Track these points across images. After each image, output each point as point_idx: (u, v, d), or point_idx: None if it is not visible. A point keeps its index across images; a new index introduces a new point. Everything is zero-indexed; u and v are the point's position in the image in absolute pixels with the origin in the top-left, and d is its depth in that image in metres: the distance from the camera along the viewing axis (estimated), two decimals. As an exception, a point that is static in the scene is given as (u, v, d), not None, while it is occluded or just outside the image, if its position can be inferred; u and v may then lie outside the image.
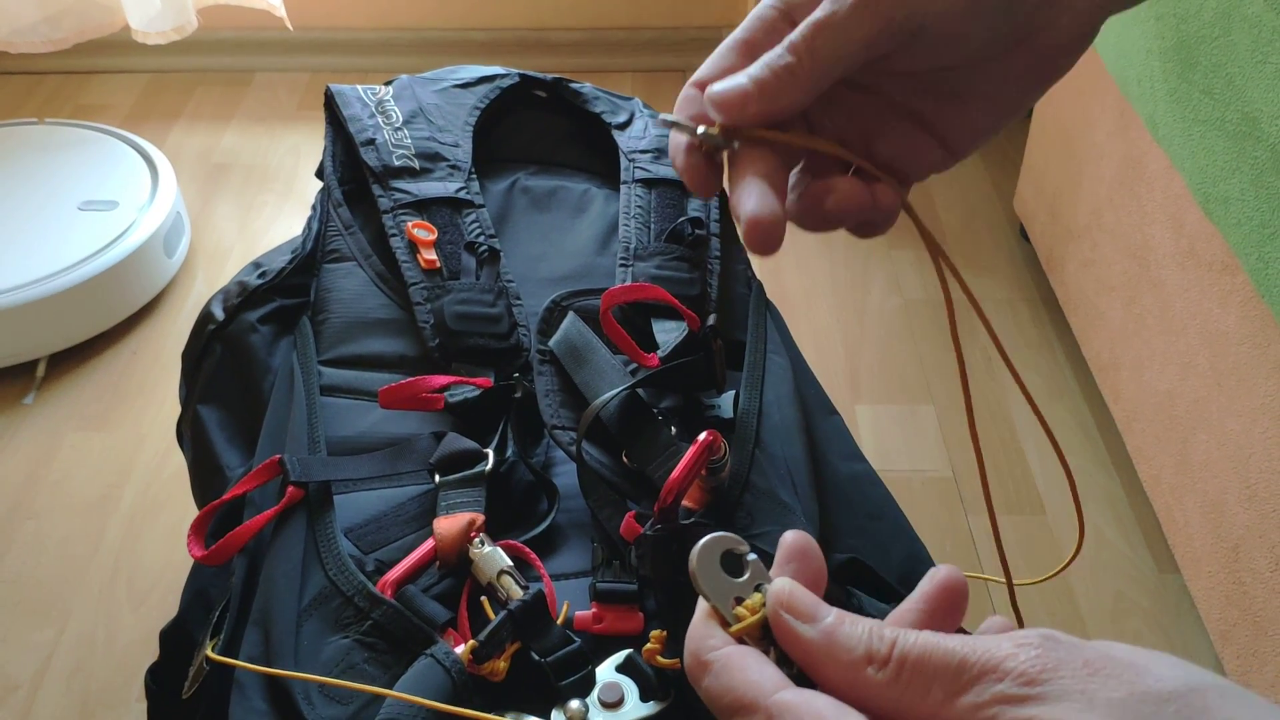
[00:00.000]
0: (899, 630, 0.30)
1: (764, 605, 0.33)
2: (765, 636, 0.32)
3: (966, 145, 0.43)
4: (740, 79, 0.39)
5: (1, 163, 1.77)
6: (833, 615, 0.32)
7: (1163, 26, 1.18)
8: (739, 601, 0.33)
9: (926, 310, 1.69)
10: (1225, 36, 1.07)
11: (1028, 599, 1.29)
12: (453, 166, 0.99)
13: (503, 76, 1.11)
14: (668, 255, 0.93)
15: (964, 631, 0.34)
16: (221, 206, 1.92)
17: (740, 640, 0.33)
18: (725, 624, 0.33)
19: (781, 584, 0.33)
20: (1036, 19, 0.40)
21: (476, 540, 0.69)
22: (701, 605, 0.34)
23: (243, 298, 0.93)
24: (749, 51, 0.40)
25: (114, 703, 1.18)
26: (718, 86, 0.39)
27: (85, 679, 1.21)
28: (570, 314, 0.84)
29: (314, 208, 1.00)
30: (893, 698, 0.29)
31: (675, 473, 0.67)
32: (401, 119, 1.02)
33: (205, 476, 0.87)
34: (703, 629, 0.33)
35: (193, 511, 0.81)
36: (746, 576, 0.34)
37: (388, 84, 1.09)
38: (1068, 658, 0.28)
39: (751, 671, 0.31)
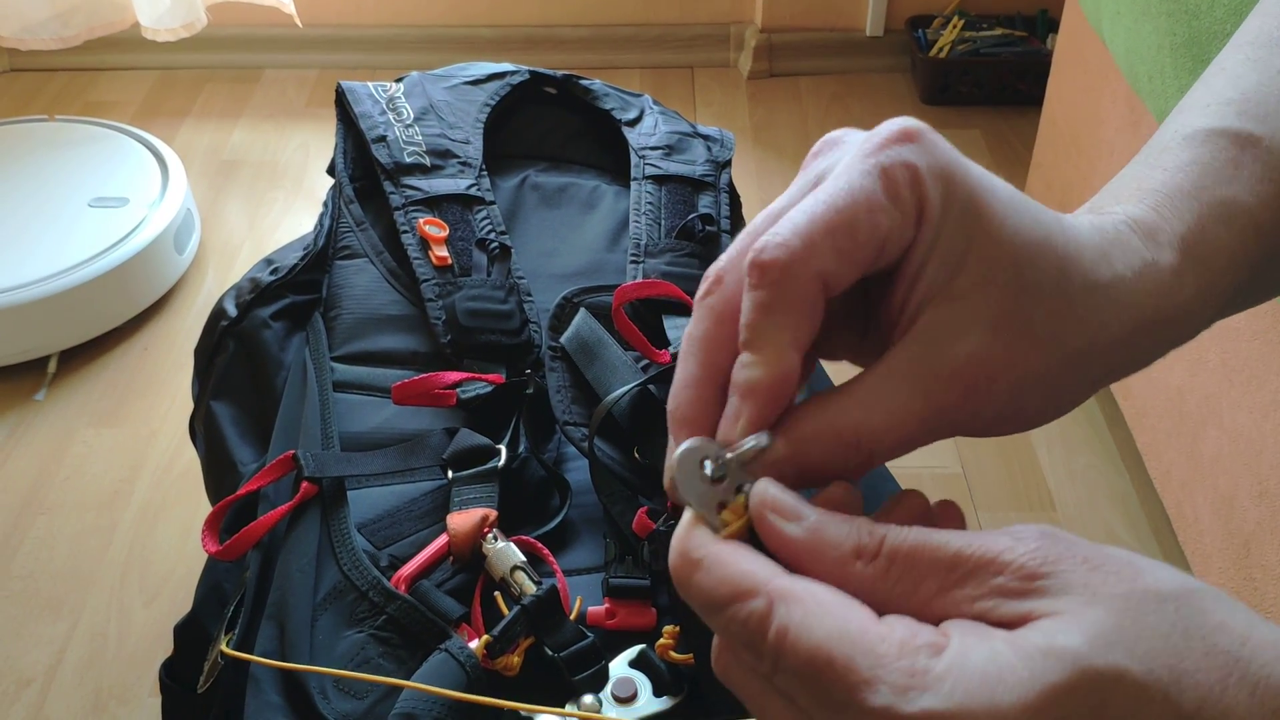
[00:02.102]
0: (889, 525, 0.30)
1: (748, 508, 0.32)
2: (753, 540, 0.32)
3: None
4: (782, 474, 0.33)
5: (12, 160, 1.77)
6: (817, 513, 0.31)
7: (1174, 22, 1.18)
8: (723, 507, 0.32)
9: (936, 306, 1.69)
10: (1237, 32, 1.07)
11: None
12: (463, 163, 0.99)
13: (513, 73, 1.11)
14: (678, 251, 0.93)
15: None
16: (231, 203, 1.93)
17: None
18: (712, 530, 0.32)
19: (763, 484, 0.32)
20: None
21: (490, 536, 0.69)
22: (686, 515, 0.33)
23: (255, 294, 0.93)
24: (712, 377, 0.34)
25: (127, 698, 1.19)
26: (759, 487, 0.32)
27: (98, 674, 1.21)
28: (581, 310, 0.85)
29: (325, 204, 1.00)
30: (883, 591, 0.29)
31: (688, 468, 0.67)
32: (412, 116, 1.03)
33: (218, 472, 0.87)
34: (688, 534, 0.32)
35: (204, 507, 0.82)
36: (726, 481, 0.33)
37: (398, 81, 1.09)
38: (1067, 553, 0.28)
39: (745, 562, 0.30)
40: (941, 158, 0.33)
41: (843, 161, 0.34)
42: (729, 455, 0.33)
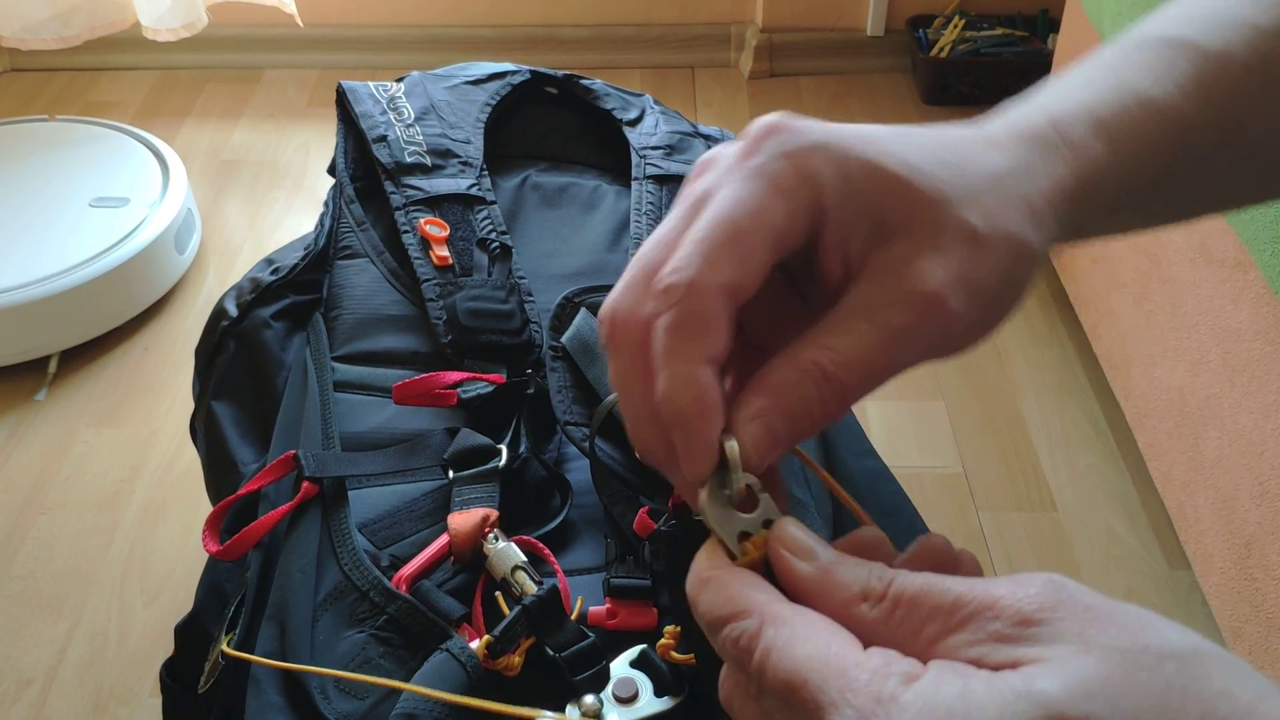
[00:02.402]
0: (899, 570, 0.30)
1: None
2: (768, 574, 0.33)
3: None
4: (759, 427, 0.33)
5: (13, 160, 1.77)
6: (832, 555, 0.31)
7: (1175, 22, 1.18)
8: (746, 537, 0.33)
9: (936, 307, 1.69)
10: (1238, 32, 1.07)
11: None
12: (464, 163, 0.99)
13: (514, 73, 1.11)
14: (679, 251, 0.93)
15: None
16: (232, 203, 1.93)
17: None
18: (731, 557, 0.33)
19: (785, 522, 0.33)
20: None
21: (490, 536, 0.69)
22: (709, 539, 0.34)
23: (256, 294, 0.93)
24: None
25: (127, 698, 1.19)
26: (744, 431, 0.33)
27: (98, 674, 1.21)
28: (583, 310, 0.85)
29: (326, 204, 1.00)
30: (885, 633, 0.29)
31: (689, 468, 0.67)
32: (413, 115, 1.03)
33: (219, 472, 0.87)
34: (704, 556, 0.33)
35: (205, 508, 0.82)
36: (756, 513, 0.33)
37: (399, 80, 1.09)
38: (1069, 600, 0.27)
39: (749, 586, 0.31)
40: (812, 137, 0.34)
41: (722, 177, 0.35)
42: (758, 490, 0.34)
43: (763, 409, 0.33)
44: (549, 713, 0.61)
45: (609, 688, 0.62)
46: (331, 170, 1.02)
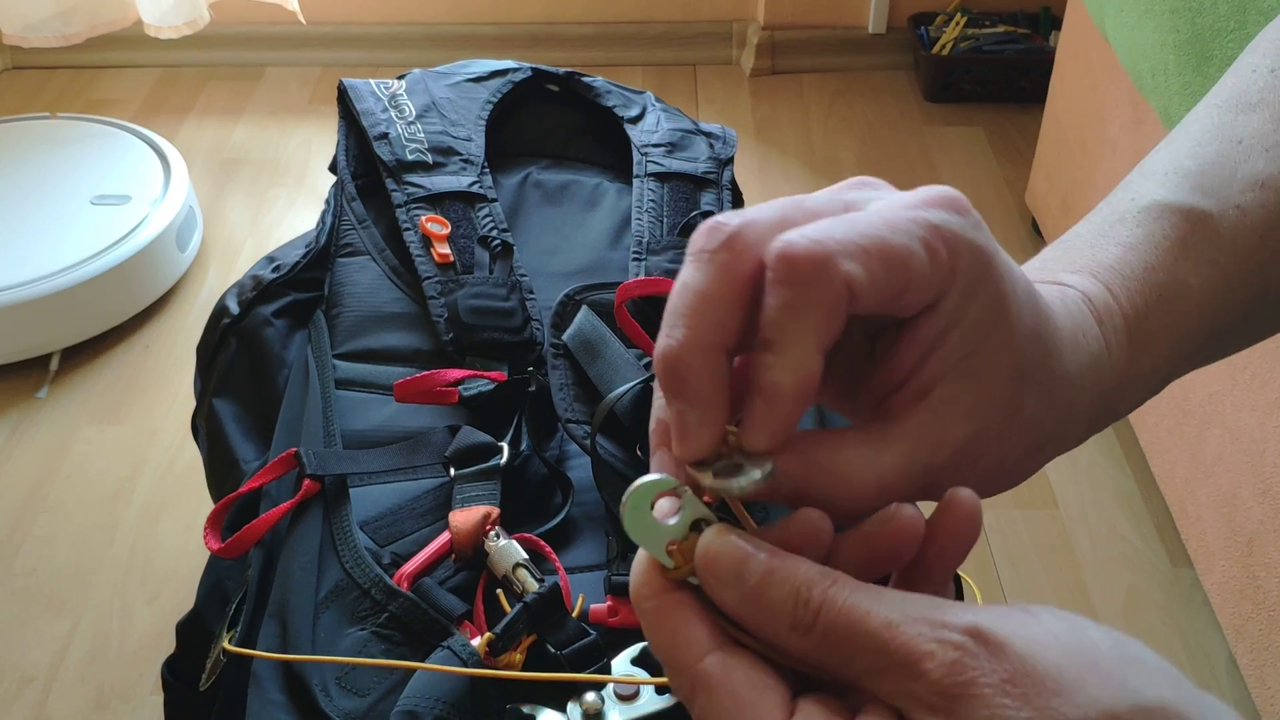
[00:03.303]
0: (826, 592, 0.29)
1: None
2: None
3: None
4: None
5: (14, 157, 1.78)
6: (757, 575, 0.30)
7: (1178, 20, 1.17)
8: (677, 544, 0.32)
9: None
10: (1240, 29, 1.07)
11: (1042, 595, 1.29)
12: (466, 161, 0.99)
13: (515, 70, 1.11)
14: (681, 249, 0.93)
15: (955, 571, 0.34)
16: (233, 201, 1.93)
17: (682, 581, 0.32)
18: (664, 570, 0.32)
19: (707, 540, 0.31)
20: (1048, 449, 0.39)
21: (492, 533, 0.69)
22: (640, 550, 0.32)
23: (257, 292, 0.93)
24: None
25: (129, 695, 1.19)
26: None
27: (100, 671, 1.21)
28: (584, 308, 0.85)
29: (327, 202, 1.00)
30: (818, 659, 0.29)
31: (690, 466, 0.67)
32: (415, 113, 1.03)
33: (221, 470, 0.87)
34: (639, 575, 0.32)
35: (206, 505, 0.82)
36: (678, 520, 0.32)
37: (400, 78, 1.09)
38: (988, 668, 0.27)
39: (679, 632, 0.30)
40: (981, 238, 0.33)
41: (884, 201, 0.33)
42: (722, 485, 0.32)
43: (789, 472, 0.32)
44: (551, 710, 0.61)
45: (610, 685, 0.62)
46: (333, 168, 1.02)
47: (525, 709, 0.61)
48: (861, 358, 0.36)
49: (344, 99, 1.05)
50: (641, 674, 0.63)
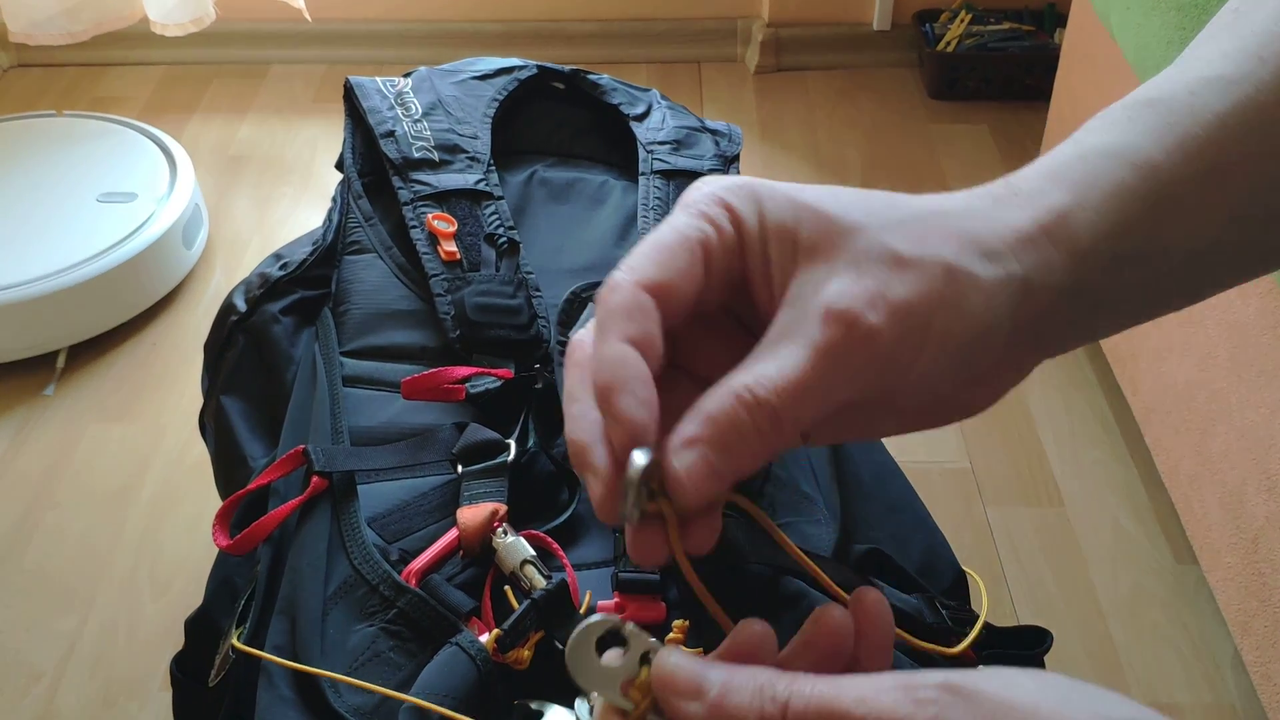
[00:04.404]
0: (790, 687, 0.29)
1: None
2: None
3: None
4: (693, 455, 0.32)
5: (20, 155, 1.78)
6: (717, 687, 0.30)
7: (1183, 17, 1.17)
8: (631, 683, 0.32)
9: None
10: (1246, 26, 1.06)
11: (1047, 593, 1.29)
12: (472, 158, 0.99)
13: (521, 68, 1.11)
14: (687, 246, 0.93)
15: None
16: (239, 198, 1.93)
17: None
18: (624, 712, 0.31)
19: (660, 662, 0.31)
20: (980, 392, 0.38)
21: (499, 530, 0.69)
22: (597, 703, 0.32)
23: (264, 289, 0.94)
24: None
25: (137, 692, 1.19)
26: (676, 464, 0.32)
27: (108, 668, 1.21)
28: (590, 305, 0.85)
29: (334, 199, 1.00)
30: None
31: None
32: (421, 111, 1.03)
33: (228, 467, 0.88)
34: None
35: (213, 502, 0.82)
36: (627, 655, 0.32)
37: (406, 76, 1.09)
38: (968, 715, 0.27)
39: None
40: (735, 178, 0.37)
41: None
42: (630, 626, 0.32)
43: (696, 436, 0.33)
44: (558, 707, 0.61)
45: (618, 681, 0.62)
46: (339, 166, 1.03)
47: (534, 705, 0.61)
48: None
49: (350, 97, 1.05)
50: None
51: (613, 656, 0.32)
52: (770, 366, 0.33)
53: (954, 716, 0.27)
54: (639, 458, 0.32)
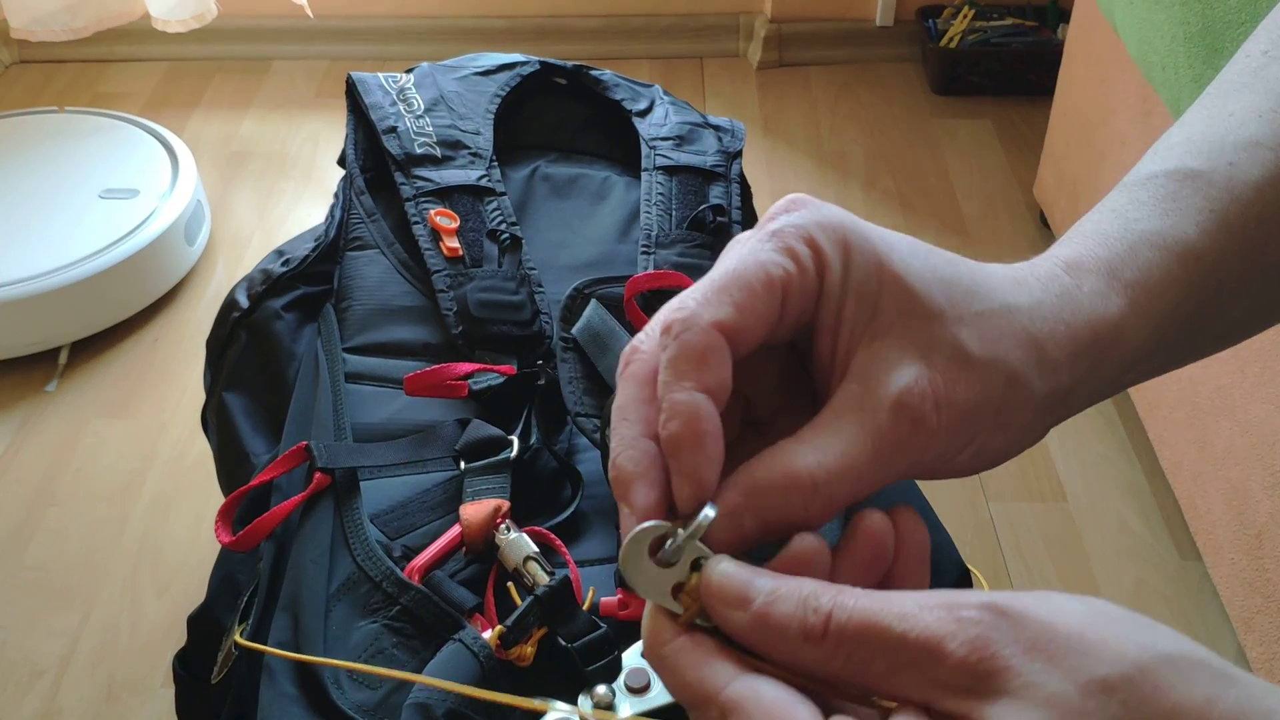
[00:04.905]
0: (834, 599, 0.29)
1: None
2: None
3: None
4: (739, 524, 0.33)
5: (22, 151, 1.78)
6: (763, 596, 0.30)
7: (1188, 11, 1.17)
8: (681, 588, 0.32)
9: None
10: (1252, 22, 1.06)
11: (1049, 587, 1.28)
12: (474, 154, 0.99)
13: (523, 64, 1.11)
14: (690, 243, 0.93)
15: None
16: (241, 194, 1.93)
17: (693, 624, 0.32)
18: (674, 615, 0.32)
19: (709, 571, 0.32)
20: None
21: (502, 526, 0.69)
22: (647, 603, 0.33)
23: (267, 285, 0.93)
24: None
25: (139, 688, 1.19)
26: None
27: (110, 665, 1.21)
28: (593, 301, 0.85)
29: (336, 195, 1.00)
30: (836, 669, 0.29)
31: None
32: (423, 107, 1.03)
33: (231, 463, 0.87)
34: (651, 624, 0.32)
35: (215, 498, 0.82)
36: (680, 561, 0.32)
37: (408, 72, 1.09)
38: (1009, 638, 0.27)
39: (702, 667, 0.31)
40: (830, 215, 0.35)
41: (743, 244, 0.36)
42: (681, 534, 0.33)
43: (738, 505, 0.33)
44: (561, 703, 0.61)
45: (621, 678, 0.62)
46: (341, 161, 1.03)
47: (537, 701, 0.61)
48: (809, 387, 0.38)
49: (352, 92, 1.05)
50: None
51: (663, 560, 0.33)
52: (832, 448, 0.33)
53: (997, 637, 0.27)
54: (709, 512, 0.33)
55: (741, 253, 0.35)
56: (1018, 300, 0.36)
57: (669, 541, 0.33)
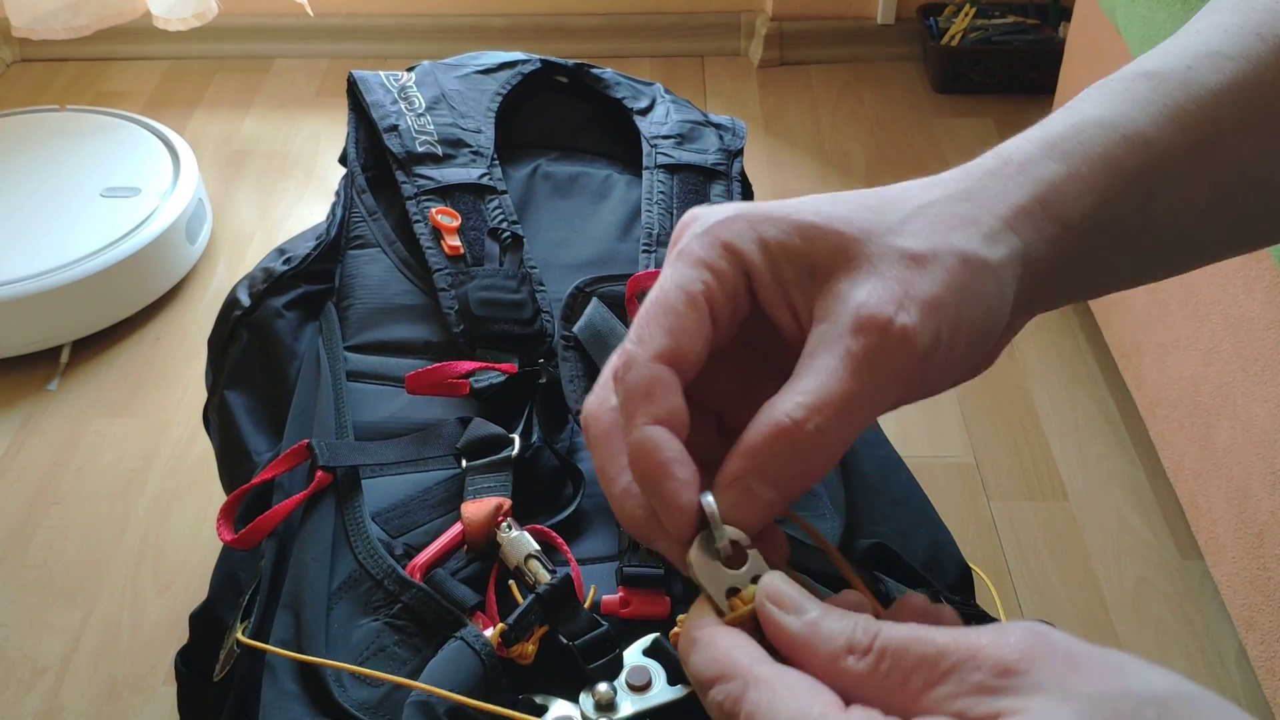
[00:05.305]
0: (885, 622, 0.30)
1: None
2: (757, 629, 0.33)
3: None
4: (737, 490, 0.34)
5: (23, 150, 1.78)
6: (819, 610, 0.31)
7: (1189, 10, 1.17)
8: (735, 593, 0.34)
9: (947, 296, 1.68)
10: (1252, 19, 1.06)
11: (1052, 587, 1.28)
12: (475, 152, 0.99)
13: (524, 62, 1.11)
14: (691, 241, 0.93)
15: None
16: (242, 193, 1.93)
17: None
18: (720, 614, 0.33)
19: (771, 577, 0.33)
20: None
21: (504, 525, 0.69)
22: (699, 597, 0.34)
23: (268, 284, 0.93)
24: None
25: (141, 686, 1.19)
26: (722, 499, 0.34)
27: (112, 663, 1.22)
28: (594, 300, 0.85)
29: (337, 194, 1.00)
30: (873, 686, 0.29)
31: (701, 458, 0.67)
32: (424, 105, 1.03)
33: (233, 461, 0.87)
34: (694, 614, 0.34)
35: (217, 497, 0.82)
36: (744, 569, 0.34)
37: (410, 70, 1.09)
38: (1049, 648, 0.27)
39: (734, 647, 0.31)
40: (722, 212, 0.36)
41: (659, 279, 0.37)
42: (746, 545, 0.34)
43: (739, 471, 0.34)
44: (562, 701, 0.61)
45: (622, 676, 0.62)
46: (343, 160, 1.03)
47: (538, 699, 0.61)
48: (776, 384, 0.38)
49: (354, 91, 1.05)
50: (654, 665, 0.63)
51: (730, 563, 0.34)
52: (808, 385, 0.33)
53: (1035, 644, 0.27)
54: (710, 502, 0.34)
55: (660, 284, 0.36)
56: (935, 195, 0.37)
57: (738, 546, 0.34)
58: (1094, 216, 0.37)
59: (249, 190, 1.93)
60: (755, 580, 0.33)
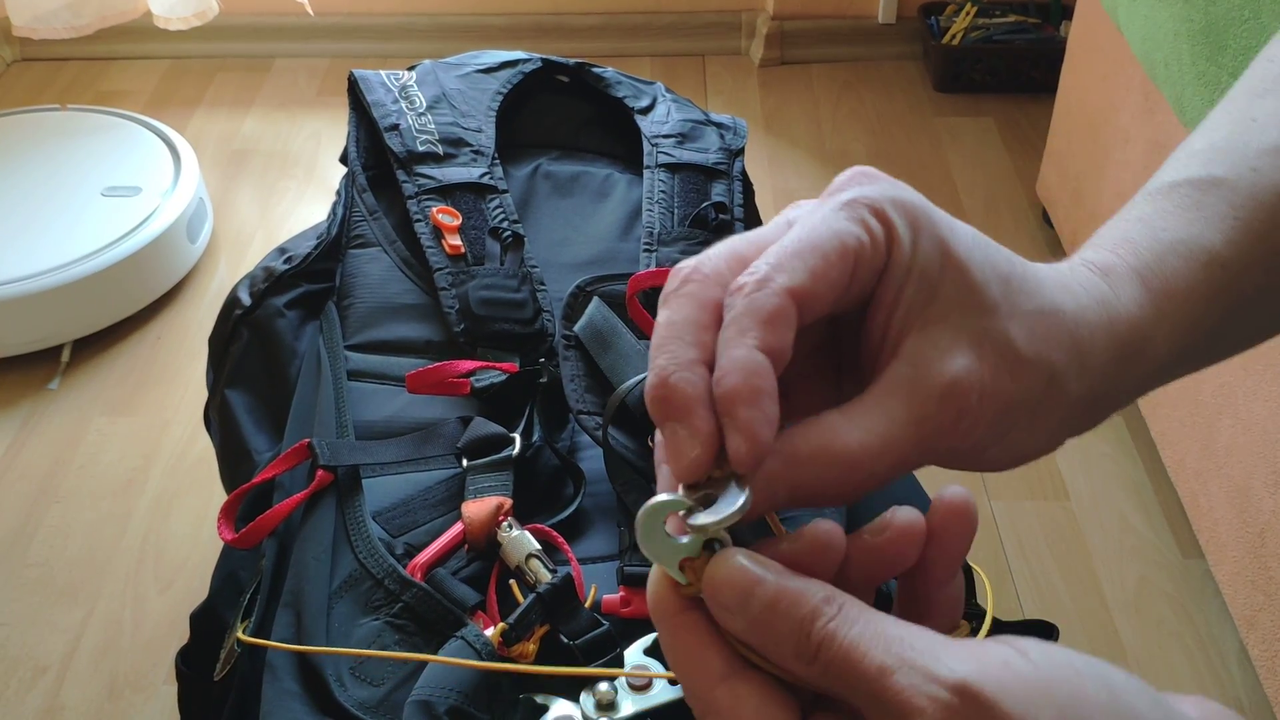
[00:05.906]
0: (825, 630, 0.30)
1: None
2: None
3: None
4: (770, 492, 0.33)
5: (24, 149, 1.78)
6: (761, 607, 0.31)
7: (1191, 9, 1.17)
8: (690, 562, 0.32)
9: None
10: (1255, 19, 1.06)
11: (1053, 587, 1.28)
12: (476, 152, 0.99)
13: (525, 61, 1.11)
14: (692, 240, 0.93)
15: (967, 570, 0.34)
16: (243, 192, 1.93)
17: (696, 597, 0.32)
18: (677, 585, 0.32)
19: (714, 566, 0.32)
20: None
21: (504, 524, 0.69)
22: (654, 566, 0.33)
23: (269, 283, 0.93)
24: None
25: (142, 685, 1.19)
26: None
27: (113, 661, 1.22)
28: (595, 299, 0.85)
29: (338, 193, 1.00)
30: (823, 687, 0.30)
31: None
32: (425, 104, 1.03)
33: (233, 460, 0.87)
34: (654, 589, 0.33)
35: (218, 496, 0.82)
36: (690, 539, 0.32)
37: (410, 69, 1.09)
38: (979, 713, 0.27)
39: (692, 655, 0.31)
40: (902, 192, 0.35)
41: (811, 210, 0.35)
42: (707, 521, 0.32)
43: (775, 475, 0.32)
44: (563, 700, 0.61)
45: (623, 676, 0.62)
46: (343, 159, 1.02)
47: (539, 699, 0.61)
48: (836, 364, 0.38)
49: (355, 90, 1.05)
50: (655, 664, 0.63)
51: (678, 528, 0.33)
52: (877, 425, 0.33)
53: None
54: (741, 500, 0.32)
55: (813, 221, 0.34)
56: (1064, 303, 0.37)
57: (692, 517, 0.32)
58: (1174, 356, 0.39)
59: (250, 189, 1.93)
60: (710, 547, 0.32)
